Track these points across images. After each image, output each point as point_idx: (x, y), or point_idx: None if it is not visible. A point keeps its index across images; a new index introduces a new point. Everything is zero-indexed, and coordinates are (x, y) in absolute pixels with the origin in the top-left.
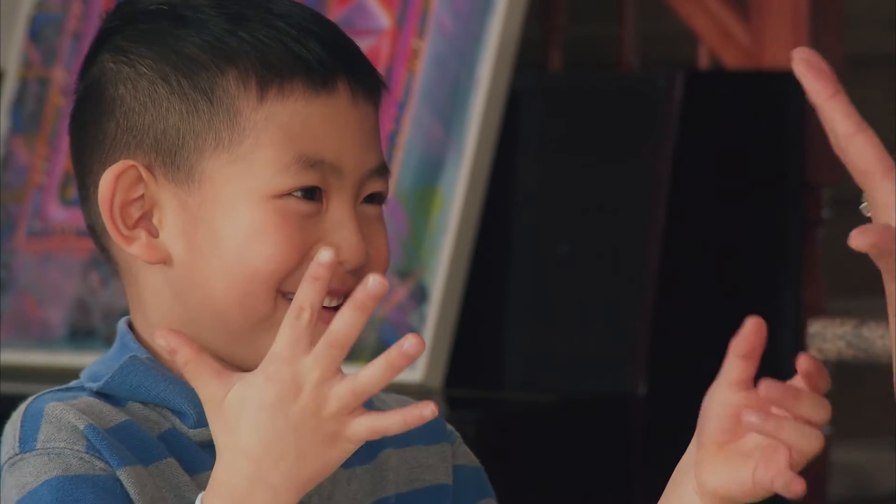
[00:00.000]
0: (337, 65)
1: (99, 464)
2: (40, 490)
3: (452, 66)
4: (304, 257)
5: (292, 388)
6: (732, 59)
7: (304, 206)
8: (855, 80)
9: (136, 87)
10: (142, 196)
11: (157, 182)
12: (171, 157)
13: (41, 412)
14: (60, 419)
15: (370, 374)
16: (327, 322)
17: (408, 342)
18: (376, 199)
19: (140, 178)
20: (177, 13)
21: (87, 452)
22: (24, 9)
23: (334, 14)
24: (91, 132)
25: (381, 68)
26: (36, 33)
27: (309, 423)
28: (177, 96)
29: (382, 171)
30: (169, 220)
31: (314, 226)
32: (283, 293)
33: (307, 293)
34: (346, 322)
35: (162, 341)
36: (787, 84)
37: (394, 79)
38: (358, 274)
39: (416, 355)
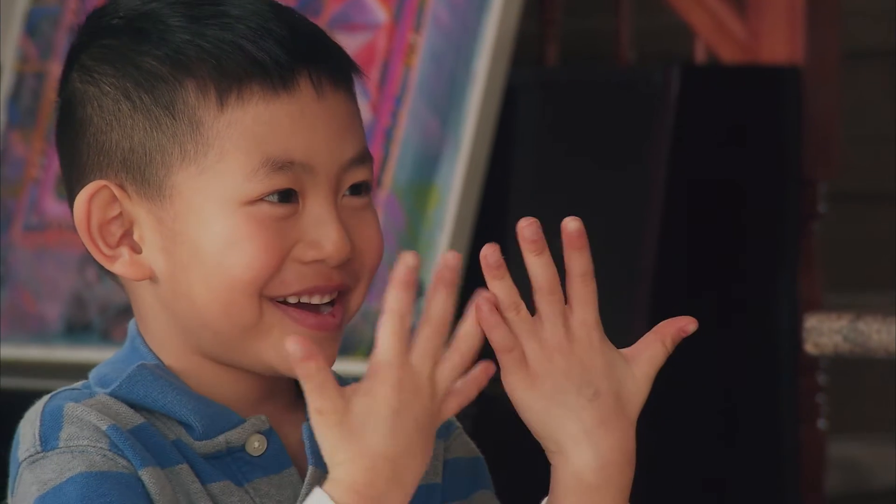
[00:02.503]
0: (296, 62)
1: (122, 462)
2: (65, 486)
3: (449, 60)
4: (283, 260)
5: (413, 391)
6: (729, 54)
7: (278, 210)
8: (851, 74)
9: (101, 107)
10: (120, 214)
11: (131, 199)
12: (141, 174)
13: (60, 412)
14: (82, 419)
15: (467, 333)
16: (325, 328)
17: (482, 302)
18: (362, 187)
19: (114, 197)
20: (135, 26)
21: (110, 450)
22: (21, 3)
23: (331, 9)
24: (68, 152)
25: (377, 63)
26: (32, 28)
27: (427, 415)
28: (140, 113)
29: (362, 159)
30: (148, 236)
31: (292, 227)
32: (267, 298)
33: (402, 300)
34: (440, 303)
35: (294, 346)
36: (783, 78)
37: (391, 73)
38: (346, 268)
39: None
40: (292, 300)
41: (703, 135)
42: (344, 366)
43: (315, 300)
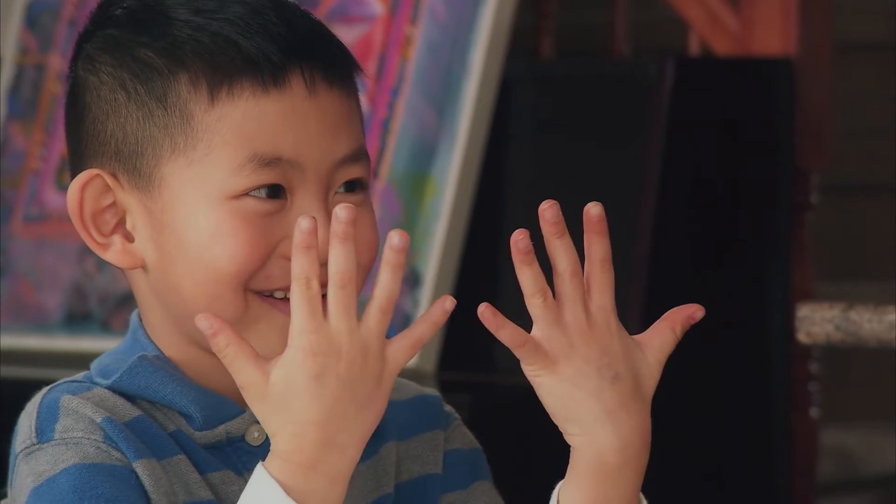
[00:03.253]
0: (288, 59)
1: (116, 454)
2: (59, 477)
3: (445, 52)
4: (269, 255)
5: (331, 352)
6: (722, 46)
7: (264, 205)
8: (843, 67)
9: (99, 96)
10: (113, 203)
11: (123, 189)
12: (133, 164)
13: (57, 404)
14: (78, 412)
15: (382, 284)
16: None
17: (394, 238)
18: (356, 185)
19: (108, 186)
20: (137, 18)
21: (104, 442)
22: None
23: (328, 2)
24: (72, 139)
25: (374, 55)
26: (32, 20)
27: (357, 374)
28: (134, 103)
29: (356, 157)
30: (139, 226)
31: (278, 222)
32: (253, 291)
33: (304, 263)
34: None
35: (203, 323)
36: (776, 70)
37: (387, 65)
38: None
39: (405, 247)
40: (278, 295)
41: (697, 127)
42: None
43: None
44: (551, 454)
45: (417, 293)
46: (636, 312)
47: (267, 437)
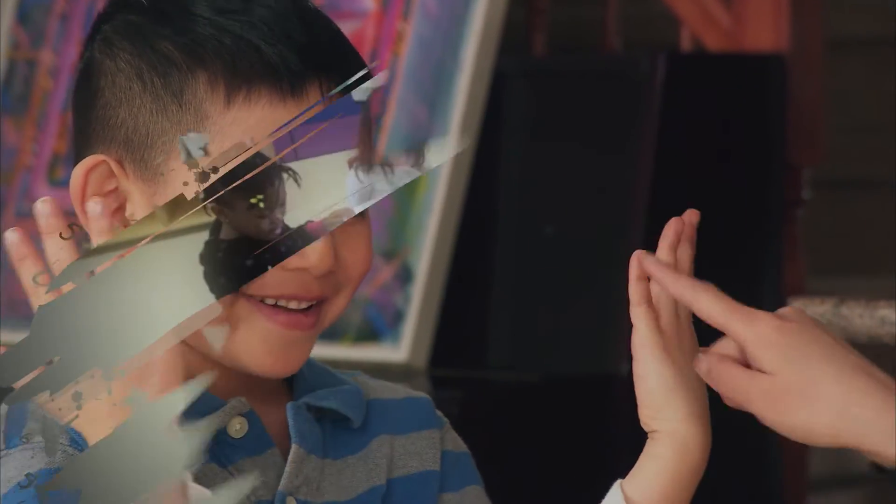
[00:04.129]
0: (308, 70)
1: None
2: (24, 483)
3: (437, 48)
4: None
5: None
6: (714, 42)
7: None
8: (835, 63)
9: (114, 82)
10: (116, 189)
11: (128, 178)
12: (141, 155)
13: (25, 408)
14: (44, 415)
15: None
16: (297, 326)
17: (39, 205)
18: None
19: (112, 173)
20: (160, 7)
21: (70, 446)
22: None
23: None
24: (79, 120)
25: (366, 51)
26: (24, 15)
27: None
28: (149, 95)
29: None
30: (139, 216)
31: None
32: (242, 293)
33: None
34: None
35: None
36: (768, 66)
37: (379, 61)
38: (328, 279)
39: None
40: (269, 301)
41: (688, 122)
42: (332, 351)
43: (292, 305)
44: (542, 450)
45: (409, 289)
46: (628, 309)
47: (248, 429)
